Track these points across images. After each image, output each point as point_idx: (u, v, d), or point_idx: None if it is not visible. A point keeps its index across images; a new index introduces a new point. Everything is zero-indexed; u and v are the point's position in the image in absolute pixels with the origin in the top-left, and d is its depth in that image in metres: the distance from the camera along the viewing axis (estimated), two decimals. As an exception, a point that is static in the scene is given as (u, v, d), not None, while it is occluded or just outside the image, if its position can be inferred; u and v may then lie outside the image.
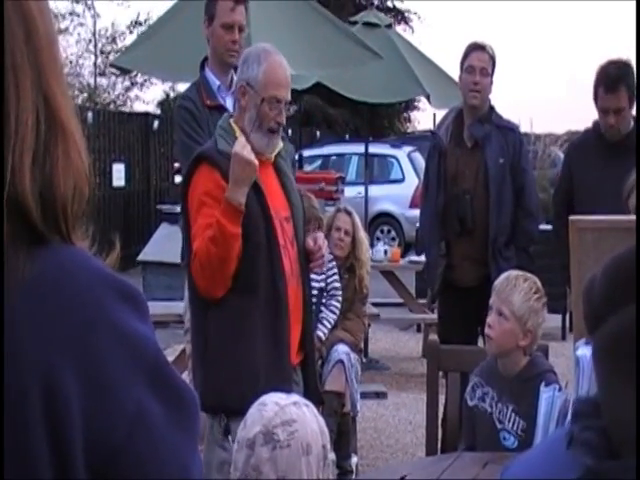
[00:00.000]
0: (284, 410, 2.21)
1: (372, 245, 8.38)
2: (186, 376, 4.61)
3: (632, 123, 5.01)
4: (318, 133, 23.45)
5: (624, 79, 4.90)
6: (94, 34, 22.93)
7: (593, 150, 5.09)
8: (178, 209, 4.85)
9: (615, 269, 0.82)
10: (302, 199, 3.83)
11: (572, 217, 2.82)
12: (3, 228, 0.92)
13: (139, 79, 22.80)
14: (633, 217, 2.72)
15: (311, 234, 3.71)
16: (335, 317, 5.34)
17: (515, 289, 3.42)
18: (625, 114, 4.94)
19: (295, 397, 2.33)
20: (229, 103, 4.64)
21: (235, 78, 4.68)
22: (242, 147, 3.36)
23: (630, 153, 4.54)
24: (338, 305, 5.38)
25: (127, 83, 23.54)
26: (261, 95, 3.49)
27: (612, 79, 4.89)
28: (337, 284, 5.41)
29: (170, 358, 5.95)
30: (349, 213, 5.78)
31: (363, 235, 5.84)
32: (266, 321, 3.43)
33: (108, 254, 1.06)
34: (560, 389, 2.82)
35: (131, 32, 23.07)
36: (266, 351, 3.41)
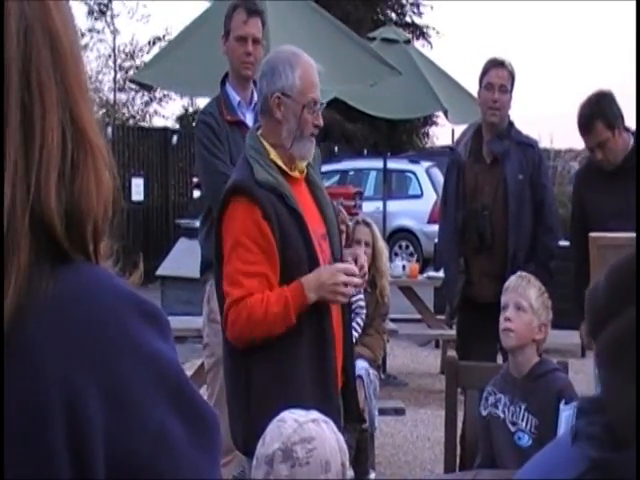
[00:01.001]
0: (303, 427, 2.21)
1: (390, 260, 8.37)
2: (204, 390, 4.62)
3: (630, 141, 4.99)
4: (336, 148, 23.46)
5: (596, 115, 4.91)
6: (113, 50, 23.08)
7: (596, 176, 5.08)
8: (197, 224, 4.87)
9: (616, 274, 0.83)
10: (335, 212, 3.67)
11: (592, 234, 2.82)
12: (2, 235, 0.92)
13: (158, 94, 22.90)
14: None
15: (351, 251, 3.59)
16: (357, 335, 5.33)
17: (530, 285, 3.59)
18: (610, 144, 4.93)
19: (314, 414, 2.33)
20: (249, 119, 4.65)
21: (255, 93, 4.71)
22: (346, 271, 3.29)
23: (630, 176, 4.57)
24: (361, 323, 5.37)
25: (146, 98, 23.66)
26: (301, 103, 3.33)
27: (584, 120, 4.94)
28: (362, 302, 5.39)
29: (189, 373, 5.96)
30: (368, 224, 5.78)
31: (383, 245, 5.85)
32: (312, 361, 3.30)
33: (128, 270, 1.06)
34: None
35: (150, 48, 23.20)
36: (314, 393, 3.26)
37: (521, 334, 3.49)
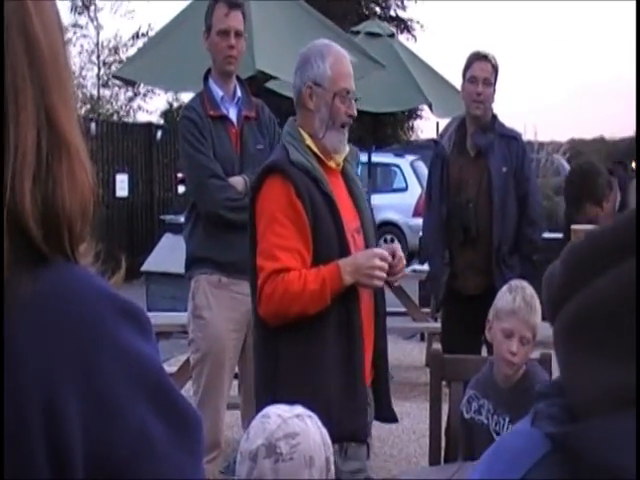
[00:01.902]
0: (287, 423, 2.21)
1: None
2: (190, 386, 4.61)
3: (617, 196, 5.23)
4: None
5: (585, 197, 5.16)
6: (97, 45, 23.01)
7: None
8: (181, 219, 4.87)
9: (572, 256, 0.84)
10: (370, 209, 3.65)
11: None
12: (3, 246, 0.92)
13: (142, 89, 22.85)
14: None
15: (386, 245, 3.53)
16: None
17: (536, 312, 3.42)
18: (600, 219, 5.05)
19: (299, 409, 2.33)
20: (232, 113, 4.65)
21: (238, 88, 4.70)
22: (381, 257, 3.29)
23: None
24: None
25: (130, 94, 23.60)
26: (332, 91, 3.40)
27: (573, 201, 5.12)
28: None
29: (173, 368, 5.95)
30: None
31: None
32: (339, 345, 3.29)
33: (111, 267, 1.06)
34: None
35: (134, 43, 23.13)
36: (340, 378, 3.27)
37: (521, 364, 3.44)
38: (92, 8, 22.86)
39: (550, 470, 0.80)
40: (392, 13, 27.75)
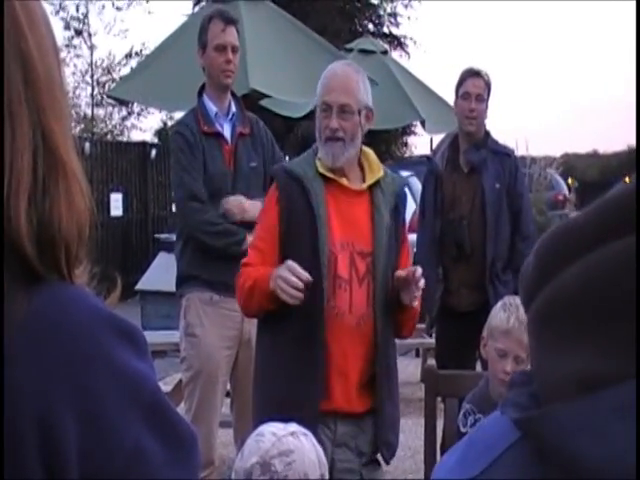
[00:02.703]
0: (281, 441, 2.21)
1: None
2: (182, 407, 4.60)
3: None
4: (315, 159, 23.39)
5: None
6: (91, 65, 23.02)
7: None
8: (174, 237, 4.87)
9: (543, 248, 0.86)
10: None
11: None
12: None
13: (136, 108, 22.85)
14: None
15: (407, 269, 3.43)
16: None
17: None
18: None
19: (293, 427, 2.33)
20: (227, 129, 4.66)
21: (233, 104, 4.72)
22: (287, 273, 3.23)
23: None
24: None
25: (124, 113, 23.60)
26: (318, 107, 3.47)
27: None
28: None
29: (169, 387, 5.93)
30: None
31: None
32: (298, 355, 3.32)
33: (107, 287, 1.06)
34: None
35: (127, 63, 23.17)
36: (295, 386, 3.31)
37: None
38: (85, 28, 22.89)
39: (517, 457, 0.81)
40: (385, 30, 27.81)
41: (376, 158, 3.61)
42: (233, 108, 4.71)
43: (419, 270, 3.36)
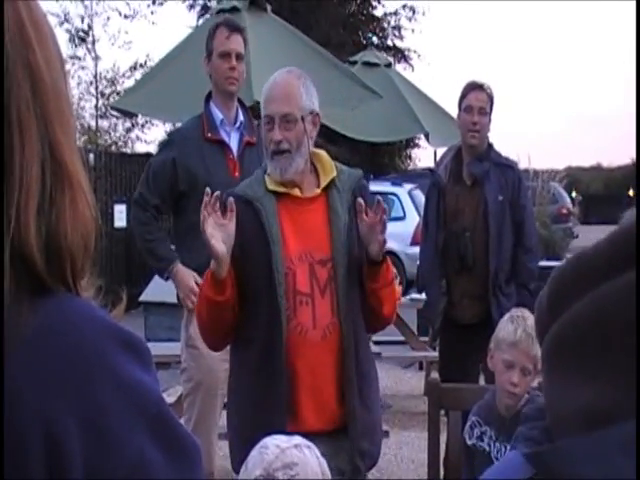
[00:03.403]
0: (285, 453, 2.21)
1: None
2: (183, 419, 4.60)
3: None
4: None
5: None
6: (95, 77, 23.07)
7: None
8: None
9: (556, 280, 0.86)
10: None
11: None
12: (3, 272, 0.93)
13: (140, 120, 22.88)
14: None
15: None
16: None
17: (535, 343, 3.38)
18: None
19: (297, 439, 2.33)
20: (233, 138, 4.68)
21: (240, 112, 4.74)
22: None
23: None
24: None
25: (128, 124, 23.64)
26: (261, 118, 3.37)
27: None
28: None
29: (172, 399, 5.93)
30: None
31: None
32: (261, 383, 3.26)
33: (111, 299, 1.07)
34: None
35: (131, 75, 23.21)
36: (259, 417, 3.23)
37: (522, 394, 3.42)
38: (89, 39, 22.95)
39: None
40: (389, 43, 27.88)
41: (328, 158, 3.49)
42: (241, 117, 4.72)
43: (381, 202, 3.26)
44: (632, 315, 0.77)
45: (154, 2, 23.93)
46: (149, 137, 37.07)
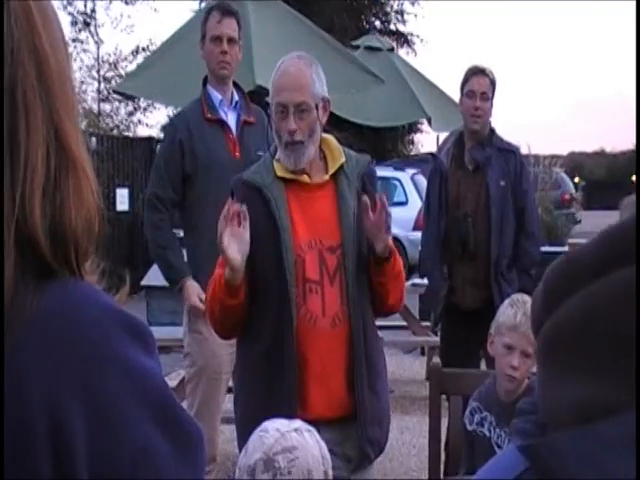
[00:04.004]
0: (285, 437, 2.21)
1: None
2: (185, 403, 4.61)
3: None
4: (321, 156, 23.37)
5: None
6: (97, 60, 23.04)
7: None
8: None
9: (551, 276, 0.86)
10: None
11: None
12: (3, 256, 0.94)
13: (142, 104, 22.86)
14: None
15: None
16: None
17: None
18: None
19: (297, 423, 2.33)
20: (231, 118, 4.70)
21: (235, 94, 4.75)
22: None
23: None
24: None
25: (130, 108, 23.61)
26: (273, 109, 3.30)
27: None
28: None
29: (174, 382, 5.95)
30: None
31: None
32: (271, 370, 3.26)
33: (114, 283, 1.07)
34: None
35: (134, 59, 23.17)
36: (268, 403, 3.23)
37: (523, 378, 3.42)
38: (93, 23, 22.90)
39: None
40: (392, 27, 27.82)
41: (337, 144, 3.45)
42: (236, 97, 4.75)
43: (384, 199, 3.26)
44: (623, 311, 0.77)
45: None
46: (151, 121, 37.05)
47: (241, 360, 3.46)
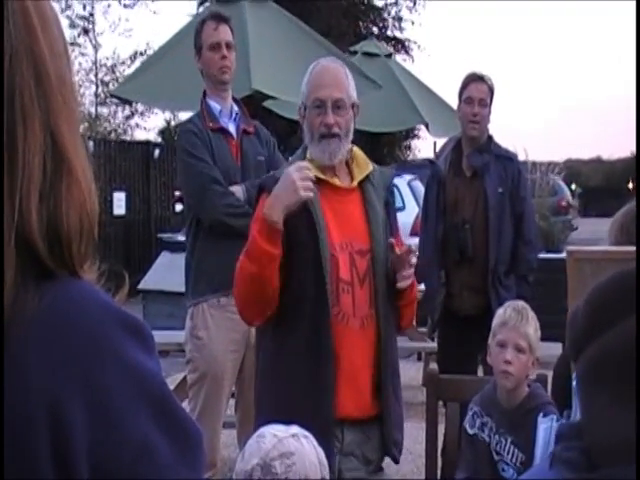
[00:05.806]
0: (282, 442, 2.21)
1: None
2: (186, 405, 4.60)
3: None
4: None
5: None
6: (95, 64, 23.06)
7: None
8: (179, 237, 4.90)
9: (596, 297, 0.84)
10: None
11: (569, 247, 2.83)
12: (2, 259, 0.94)
13: (140, 107, 22.89)
14: (628, 248, 2.73)
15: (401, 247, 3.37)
16: None
17: (528, 322, 3.42)
18: None
19: (294, 429, 2.33)
20: (231, 127, 4.69)
21: (235, 106, 4.75)
22: (297, 169, 3.17)
23: None
24: None
25: (127, 112, 23.63)
26: (308, 105, 3.35)
27: None
28: None
29: (170, 387, 5.93)
30: None
31: None
32: (307, 367, 3.25)
33: (112, 285, 1.08)
34: (558, 419, 2.81)
35: (132, 63, 23.19)
36: (305, 399, 3.24)
37: (519, 376, 3.41)
38: (91, 27, 22.93)
39: None
40: (389, 33, 27.85)
41: (362, 153, 3.53)
42: (235, 108, 4.75)
43: (412, 247, 3.35)
44: None
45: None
46: (148, 125, 37.07)
47: (270, 356, 3.40)
